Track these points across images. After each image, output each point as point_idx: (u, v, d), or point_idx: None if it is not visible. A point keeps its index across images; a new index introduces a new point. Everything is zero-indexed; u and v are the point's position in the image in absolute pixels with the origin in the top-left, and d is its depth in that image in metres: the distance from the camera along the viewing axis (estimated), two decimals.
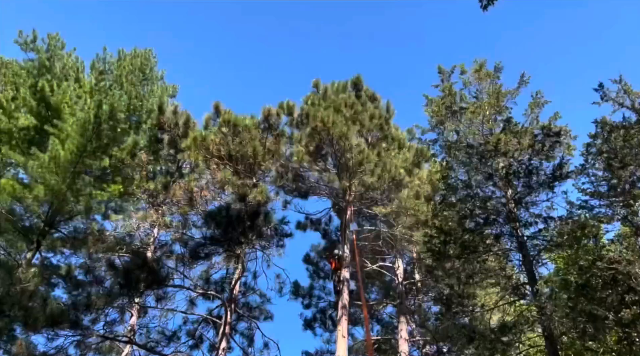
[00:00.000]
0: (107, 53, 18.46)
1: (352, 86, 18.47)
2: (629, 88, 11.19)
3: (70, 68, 17.87)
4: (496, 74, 14.13)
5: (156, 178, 17.05)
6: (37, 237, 16.13)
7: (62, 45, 17.68)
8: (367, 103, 17.09)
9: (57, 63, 17.56)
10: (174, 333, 14.73)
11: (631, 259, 10.35)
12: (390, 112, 18.59)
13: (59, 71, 17.65)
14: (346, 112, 14.15)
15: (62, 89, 16.76)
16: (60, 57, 17.69)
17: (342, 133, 12.85)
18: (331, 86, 17.79)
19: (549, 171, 12.13)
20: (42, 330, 10.64)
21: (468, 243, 11.87)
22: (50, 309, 10.47)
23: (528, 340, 12.73)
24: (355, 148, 12.88)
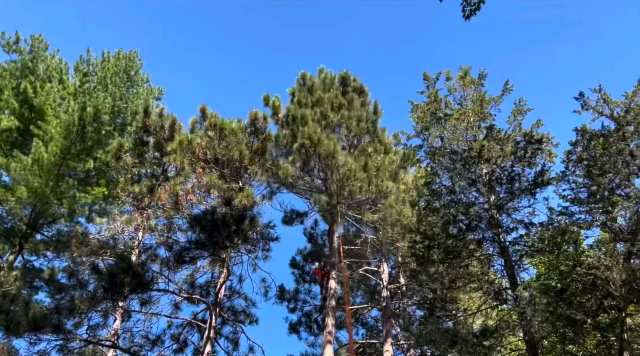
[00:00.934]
0: (91, 55, 18.34)
1: (339, 81, 17.79)
2: (608, 97, 11.44)
3: (54, 69, 17.72)
4: (480, 81, 14.34)
5: (141, 181, 16.95)
6: (19, 240, 15.97)
7: (46, 47, 17.52)
8: (354, 101, 16.46)
9: (40, 64, 17.40)
10: (158, 337, 14.64)
11: (609, 265, 10.58)
12: (378, 113, 18.23)
13: (42, 72, 17.49)
14: (333, 117, 14.14)
15: (46, 91, 16.61)
16: (43, 59, 17.54)
17: (328, 153, 12.72)
18: (319, 78, 17.22)
19: (530, 177, 12.34)
20: (24, 334, 10.52)
21: (451, 248, 12.03)
22: (33, 313, 10.36)
23: (509, 344, 12.92)
24: (342, 168, 12.82)
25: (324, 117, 13.63)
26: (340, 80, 17.87)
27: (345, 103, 16.20)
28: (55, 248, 16.79)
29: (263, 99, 16.99)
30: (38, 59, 17.31)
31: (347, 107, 16.18)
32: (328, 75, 17.34)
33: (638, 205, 11.33)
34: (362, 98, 17.56)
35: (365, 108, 17.29)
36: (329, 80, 17.30)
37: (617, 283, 10.62)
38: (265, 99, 17.07)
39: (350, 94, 16.86)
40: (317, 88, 16.61)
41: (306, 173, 13.54)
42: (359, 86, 17.85)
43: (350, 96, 16.77)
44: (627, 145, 11.23)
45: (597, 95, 11.51)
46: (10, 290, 12.61)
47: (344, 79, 17.91)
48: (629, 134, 11.17)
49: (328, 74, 17.34)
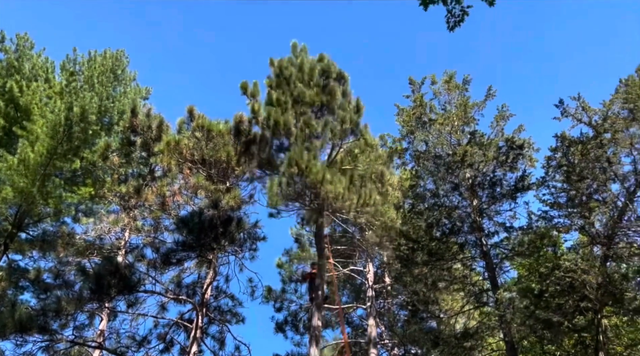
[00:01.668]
0: (77, 54, 18.27)
1: (320, 73, 15.68)
2: (586, 105, 11.76)
3: (40, 68, 17.65)
4: (464, 86, 14.61)
5: (128, 181, 16.97)
6: (4, 240, 15.93)
7: (31, 46, 17.44)
8: (336, 93, 14.90)
9: (26, 63, 17.33)
10: (144, 338, 14.71)
11: (586, 268, 10.91)
12: (360, 109, 17.33)
13: (28, 71, 17.41)
14: (317, 126, 13.71)
15: (32, 90, 16.56)
16: (29, 57, 17.46)
17: (317, 181, 12.56)
18: (296, 72, 15.44)
19: (512, 182, 12.64)
20: (10, 336, 10.58)
21: (435, 251, 12.29)
22: (19, 315, 10.41)
23: (490, 345, 13.23)
24: (331, 192, 12.73)
25: (307, 126, 13.42)
26: (321, 73, 16.46)
27: (327, 99, 15.16)
28: (40, 248, 16.75)
29: (240, 87, 15.12)
30: (24, 57, 17.24)
31: (328, 103, 15.00)
32: (306, 62, 15.47)
33: (614, 210, 11.69)
34: (344, 87, 16.17)
35: (347, 100, 16.02)
36: (308, 69, 15.46)
37: (594, 286, 10.96)
38: (243, 85, 15.37)
39: (331, 85, 15.31)
40: (295, 78, 15.05)
41: (294, 200, 13.44)
42: (338, 72, 15.85)
43: (332, 87, 15.02)
44: (605, 152, 11.57)
45: (576, 103, 11.84)
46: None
47: (324, 70, 16.36)
48: (606, 141, 11.50)
49: (306, 61, 15.39)
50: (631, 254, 11.61)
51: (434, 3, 8.09)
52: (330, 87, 15.07)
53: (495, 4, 7.76)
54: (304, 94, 14.21)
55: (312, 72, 15.36)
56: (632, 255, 11.65)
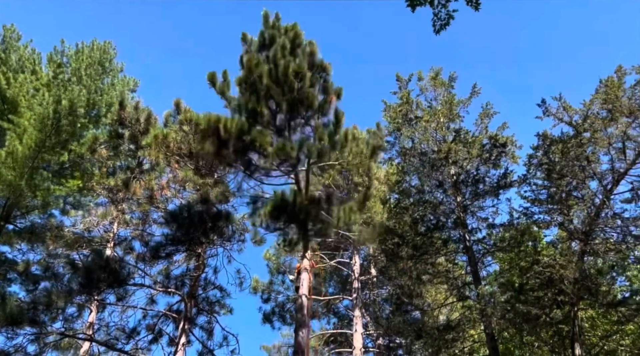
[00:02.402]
0: (65, 45, 18.17)
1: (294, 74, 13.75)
2: (567, 105, 12.08)
3: (27, 60, 17.53)
4: (450, 84, 14.85)
5: (116, 174, 17.05)
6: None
7: (18, 37, 17.31)
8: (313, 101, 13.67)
9: (12, 55, 17.21)
10: (133, 329, 14.92)
11: (564, 264, 11.31)
12: (340, 121, 15.94)
13: (15, 63, 17.30)
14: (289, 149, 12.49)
15: (19, 82, 16.47)
16: (16, 49, 17.34)
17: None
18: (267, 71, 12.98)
19: (494, 179, 12.96)
20: (1, 329, 10.72)
21: (419, 245, 12.61)
22: (10, 309, 10.53)
23: (471, 336, 13.64)
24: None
25: (279, 149, 12.46)
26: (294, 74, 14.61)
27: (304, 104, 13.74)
28: (29, 240, 16.81)
29: (208, 80, 12.25)
30: (10, 49, 17.11)
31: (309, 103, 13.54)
32: (280, 60, 11.93)
33: (591, 207, 12.08)
34: (325, 84, 14.32)
35: (328, 100, 14.92)
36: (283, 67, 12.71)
37: (570, 281, 11.37)
38: (211, 80, 12.44)
39: (306, 90, 13.34)
40: (267, 78, 11.89)
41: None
42: (319, 63, 13.11)
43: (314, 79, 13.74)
44: (584, 151, 11.92)
45: (557, 103, 12.14)
46: None
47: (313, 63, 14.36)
48: (585, 141, 11.85)
49: (282, 62, 11.80)
50: (607, 250, 12.02)
51: (421, 5, 8.31)
52: (307, 92, 11.95)
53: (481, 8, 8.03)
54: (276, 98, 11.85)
55: (287, 71, 11.91)
56: (607, 250, 12.07)
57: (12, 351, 11.48)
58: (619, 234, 12.36)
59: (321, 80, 12.01)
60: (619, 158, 12.06)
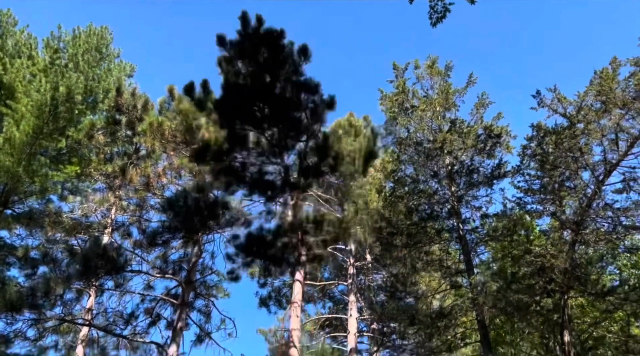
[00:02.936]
0: (62, 31, 18.11)
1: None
2: (561, 96, 12.15)
3: (23, 45, 17.47)
4: (447, 73, 14.88)
5: (114, 160, 17.15)
6: None
7: (14, 22, 17.24)
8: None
9: (9, 40, 17.15)
10: (131, 314, 15.15)
11: (555, 253, 11.50)
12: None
13: (11, 48, 17.25)
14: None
15: (16, 67, 16.45)
16: (12, 34, 17.27)
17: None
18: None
19: (489, 169, 13.09)
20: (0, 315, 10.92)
21: (414, 234, 12.79)
22: (10, 295, 10.73)
23: (464, 323, 13.90)
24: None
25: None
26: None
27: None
28: (27, 226, 16.97)
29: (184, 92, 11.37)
30: (7, 34, 17.05)
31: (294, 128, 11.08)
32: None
33: (583, 198, 12.24)
34: (314, 105, 11.07)
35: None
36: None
37: (561, 270, 11.58)
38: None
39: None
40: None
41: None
42: (306, 83, 10.91)
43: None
44: (577, 142, 12.03)
45: (552, 94, 12.21)
46: None
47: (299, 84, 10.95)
48: (579, 132, 11.95)
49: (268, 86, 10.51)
50: (597, 239, 12.22)
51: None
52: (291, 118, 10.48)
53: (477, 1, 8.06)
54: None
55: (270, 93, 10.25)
56: (598, 240, 12.26)
57: (12, 336, 11.73)
58: (610, 224, 12.54)
59: (309, 101, 10.22)
60: (611, 149, 12.18)
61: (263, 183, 10.19)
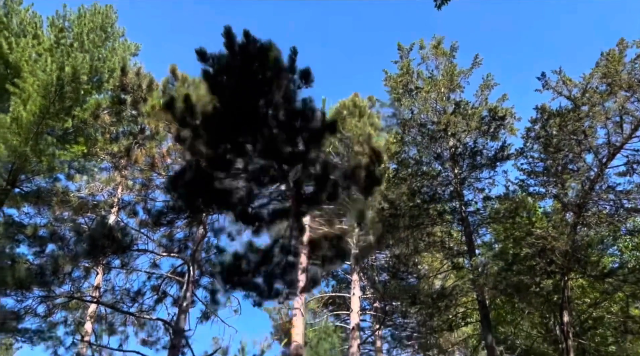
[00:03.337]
0: (67, 10, 18.05)
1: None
2: (566, 79, 12.07)
3: (28, 24, 17.46)
4: (452, 53, 14.78)
5: (119, 140, 17.28)
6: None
7: (19, 1, 17.21)
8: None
9: (14, 19, 17.14)
10: (138, 291, 15.47)
11: (556, 236, 11.58)
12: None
13: (16, 27, 17.25)
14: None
15: (21, 47, 16.48)
16: (17, 12, 17.25)
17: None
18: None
19: (492, 152, 13.11)
20: (10, 293, 11.21)
21: (416, 216, 12.89)
22: (19, 273, 11.00)
23: (464, 303, 14.10)
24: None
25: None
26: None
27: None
28: (35, 204, 17.21)
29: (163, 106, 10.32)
30: (12, 13, 17.04)
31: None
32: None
33: (586, 180, 12.27)
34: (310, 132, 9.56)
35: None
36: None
37: (562, 252, 11.68)
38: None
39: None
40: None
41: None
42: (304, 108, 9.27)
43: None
44: (581, 125, 11.99)
45: (557, 76, 12.13)
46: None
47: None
48: (583, 115, 11.91)
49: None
50: (599, 222, 12.27)
51: None
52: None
53: None
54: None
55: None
56: (600, 222, 12.32)
57: (23, 312, 12.07)
58: (612, 207, 12.58)
59: (305, 129, 8.61)
60: (615, 132, 12.14)
61: (249, 216, 8.85)
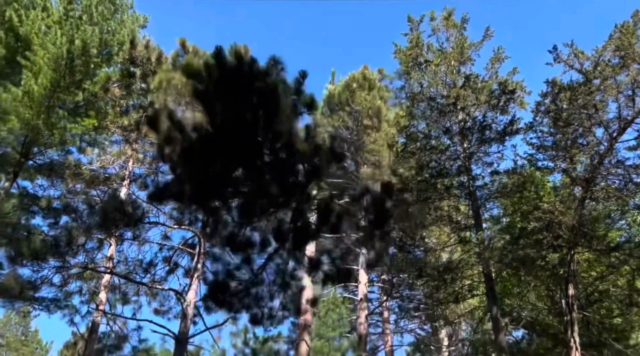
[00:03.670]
0: None
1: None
2: (579, 51, 11.90)
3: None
4: (463, 25, 14.58)
5: (129, 113, 17.42)
6: (13, 168, 16.64)
7: None
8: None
9: None
10: (150, 262, 15.82)
11: (563, 210, 11.62)
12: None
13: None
14: None
15: (31, 19, 16.51)
16: None
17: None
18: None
19: (501, 126, 13.06)
20: (27, 264, 11.55)
21: (423, 191, 12.97)
22: (35, 245, 11.31)
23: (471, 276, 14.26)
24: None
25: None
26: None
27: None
28: (48, 176, 17.52)
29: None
30: None
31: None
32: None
33: (595, 154, 12.23)
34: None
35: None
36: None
37: (568, 227, 11.73)
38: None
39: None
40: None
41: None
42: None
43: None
44: (592, 98, 11.88)
45: (569, 49, 11.96)
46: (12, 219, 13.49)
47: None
48: (594, 88, 11.78)
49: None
50: (607, 196, 12.27)
51: None
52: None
53: None
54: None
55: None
56: (608, 197, 12.32)
57: (39, 282, 12.45)
58: (621, 181, 12.55)
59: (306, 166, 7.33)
60: (627, 105, 12.02)
61: (238, 244, 7.67)
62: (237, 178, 7.02)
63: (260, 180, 6.94)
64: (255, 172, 6.94)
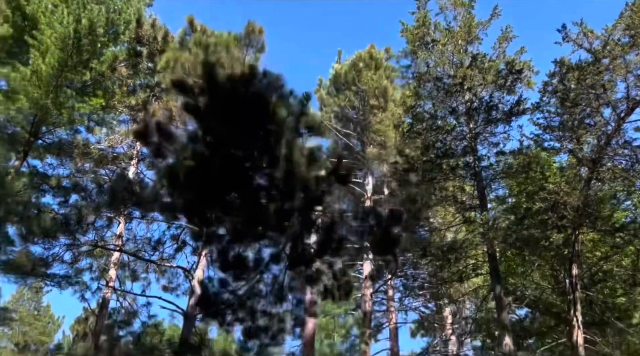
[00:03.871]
0: None
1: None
2: (588, 30, 11.77)
3: None
4: (470, 4, 14.39)
5: (136, 93, 17.49)
6: (23, 147, 16.83)
7: None
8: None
9: None
10: (158, 240, 16.02)
11: (568, 191, 11.64)
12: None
13: None
14: None
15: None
16: None
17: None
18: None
19: (508, 106, 13.01)
20: (38, 241, 11.78)
21: (428, 171, 13.01)
22: (45, 223, 11.51)
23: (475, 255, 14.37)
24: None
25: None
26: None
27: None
28: (57, 155, 17.70)
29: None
30: None
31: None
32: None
33: (602, 135, 12.18)
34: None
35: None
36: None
37: (574, 208, 11.76)
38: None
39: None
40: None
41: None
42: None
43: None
44: (601, 78, 11.78)
45: (578, 28, 11.83)
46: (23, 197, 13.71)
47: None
48: (603, 68, 11.68)
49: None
50: (613, 177, 12.26)
51: None
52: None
53: None
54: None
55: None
56: (614, 178, 12.31)
57: (51, 259, 12.71)
58: (628, 162, 12.52)
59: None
60: (636, 85, 11.93)
61: (228, 263, 7.20)
62: (231, 202, 6.42)
63: (255, 207, 6.35)
64: (250, 197, 6.34)
